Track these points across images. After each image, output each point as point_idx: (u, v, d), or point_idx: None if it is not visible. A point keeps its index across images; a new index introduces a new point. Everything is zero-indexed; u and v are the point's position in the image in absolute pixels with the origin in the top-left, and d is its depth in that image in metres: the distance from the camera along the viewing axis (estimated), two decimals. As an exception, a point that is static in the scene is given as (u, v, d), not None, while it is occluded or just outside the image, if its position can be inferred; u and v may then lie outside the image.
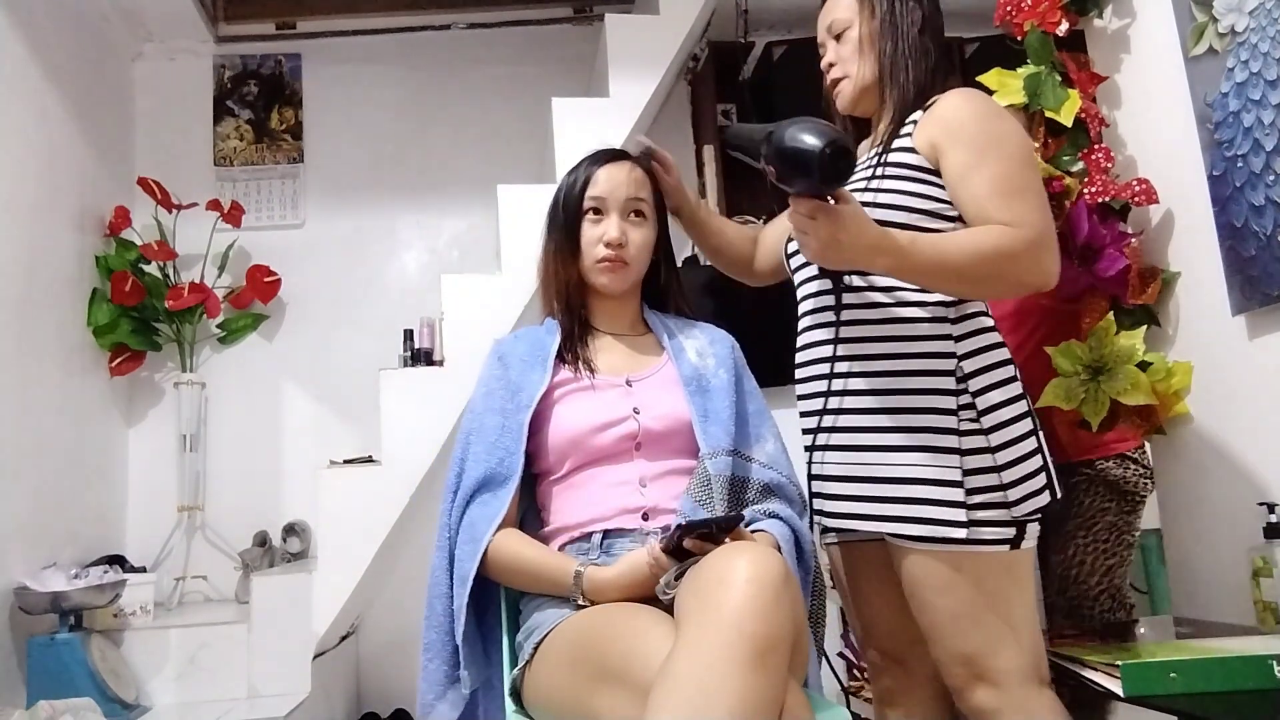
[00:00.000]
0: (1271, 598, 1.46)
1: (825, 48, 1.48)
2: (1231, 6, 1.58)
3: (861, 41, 1.41)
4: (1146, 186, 1.78)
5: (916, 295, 1.33)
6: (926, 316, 1.32)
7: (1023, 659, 1.27)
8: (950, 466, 1.26)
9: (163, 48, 3.17)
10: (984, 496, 1.26)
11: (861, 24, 1.41)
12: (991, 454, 1.27)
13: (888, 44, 1.39)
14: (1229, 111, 1.60)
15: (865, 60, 1.41)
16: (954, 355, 1.31)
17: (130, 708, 2.20)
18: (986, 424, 1.28)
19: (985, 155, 1.26)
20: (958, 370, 1.30)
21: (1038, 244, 1.23)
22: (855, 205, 1.19)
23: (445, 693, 1.34)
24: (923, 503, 1.28)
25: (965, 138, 1.28)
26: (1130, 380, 1.73)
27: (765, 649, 0.95)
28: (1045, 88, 1.85)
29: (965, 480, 1.26)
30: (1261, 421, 1.60)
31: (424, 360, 2.59)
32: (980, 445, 1.28)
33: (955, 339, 1.32)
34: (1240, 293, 1.60)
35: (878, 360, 1.34)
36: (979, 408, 1.28)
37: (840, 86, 1.45)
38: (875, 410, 1.33)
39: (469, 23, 3.32)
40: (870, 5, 1.41)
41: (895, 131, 1.36)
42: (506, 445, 1.36)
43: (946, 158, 1.29)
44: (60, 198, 2.58)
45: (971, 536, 1.25)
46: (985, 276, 1.24)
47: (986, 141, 1.27)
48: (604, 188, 1.43)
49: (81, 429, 2.64)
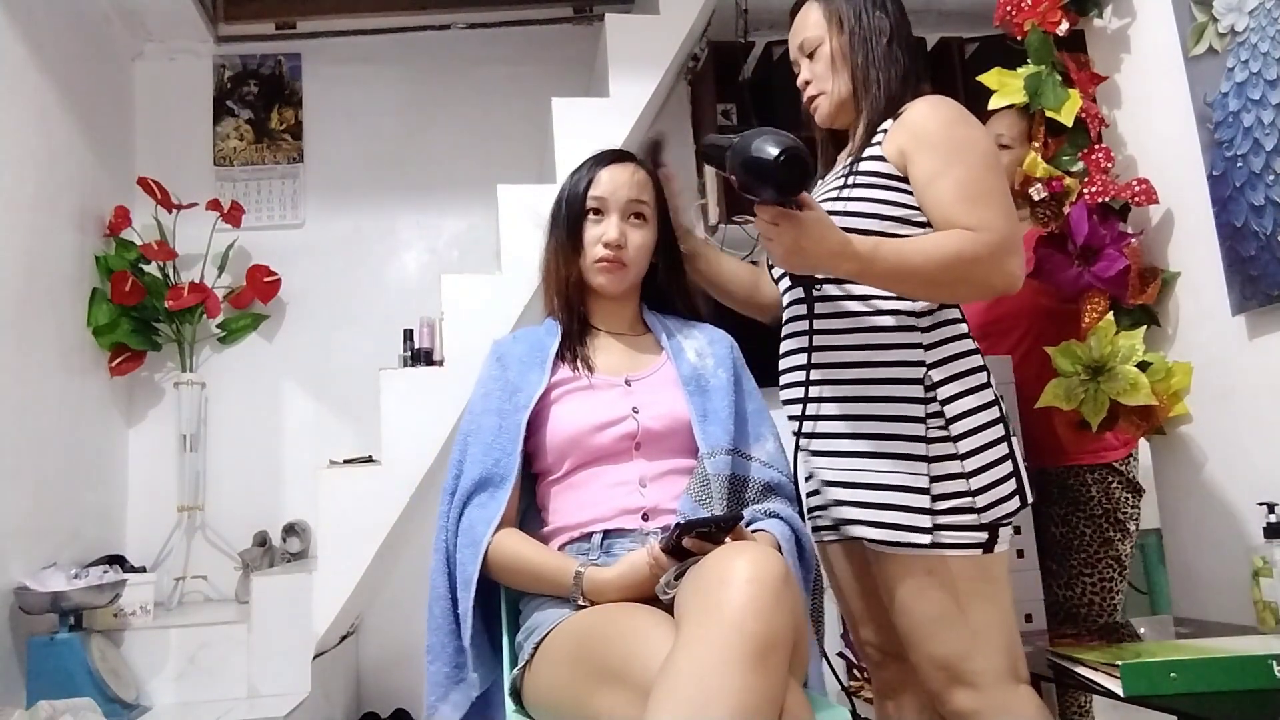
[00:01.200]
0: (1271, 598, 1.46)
1: (798, 65, 1.49)
2: (1231, 6, 1.58)
3: (833, 57, 1.43)
4: (1146, 186, 1.78)
5: (888, 304, 1.35)
6: (896, 325, 1.34)
7: (1000, 659, 1.28)
8: (918, 474, 1.29)
9: (163, 48, 3.18)
10: (953, 502, 1.28)
11: (831, 40, 1.43)
12: (959, 460, 1.29)
13: (858, 57, 1.41)
14: (1229, 111, 1.60)
15: (839, 76, 1.43)
16: (923, 364, 1.32)
17: (130, 708, 2.20)
18: (955, 431, 1.30)
19: (951, 161, 1.28)
20: (926, 379, 1.31)
21: (1002, 248, 1.24)
22: (818, 212, 1.21)
23: (448, 694, 1.34)
24: (890, 508, 1.30)
25: (931, 144, 1.30)
26: (1130, 380, 1.73)
27: (766, 649, 0.95)
28: (1046, 87, 1.85)
29: (932, 487, 1.28)
30: (1261, 421, 1.60)
31: (424, 360, 2.59)
32: (948, 452, 1.29)
33: (925, 347, 1.33)
34: (1240, 293, 1.60)
35: (848, 369, 1.36)
36: (947, 415, 1.30)
37: (817, 103, 1.47)
38: (846, 417, 1.36)
39: (469, 23, 3.32)
40: (838, 21, 1.43)
41: (866, 140, 1.39)
42: (503, 446, 1.36)
43: (914, 164, 1.31)
44: (60, 198, 2.58)
45: (938, 540, 1.27)
46: (949, 281, 1.26)
47: (952, 147, 1.29)
48: (605, 188, 1.43)
49: (81, 429, 2.64)
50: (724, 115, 3.18)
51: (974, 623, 1.28)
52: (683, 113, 3.33)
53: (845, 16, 1.42)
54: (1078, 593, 1.97)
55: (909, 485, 1.29)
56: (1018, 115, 2.05)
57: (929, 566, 1.29)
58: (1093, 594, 1.95)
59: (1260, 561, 1.49)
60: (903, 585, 1.31)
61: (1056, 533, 1.99)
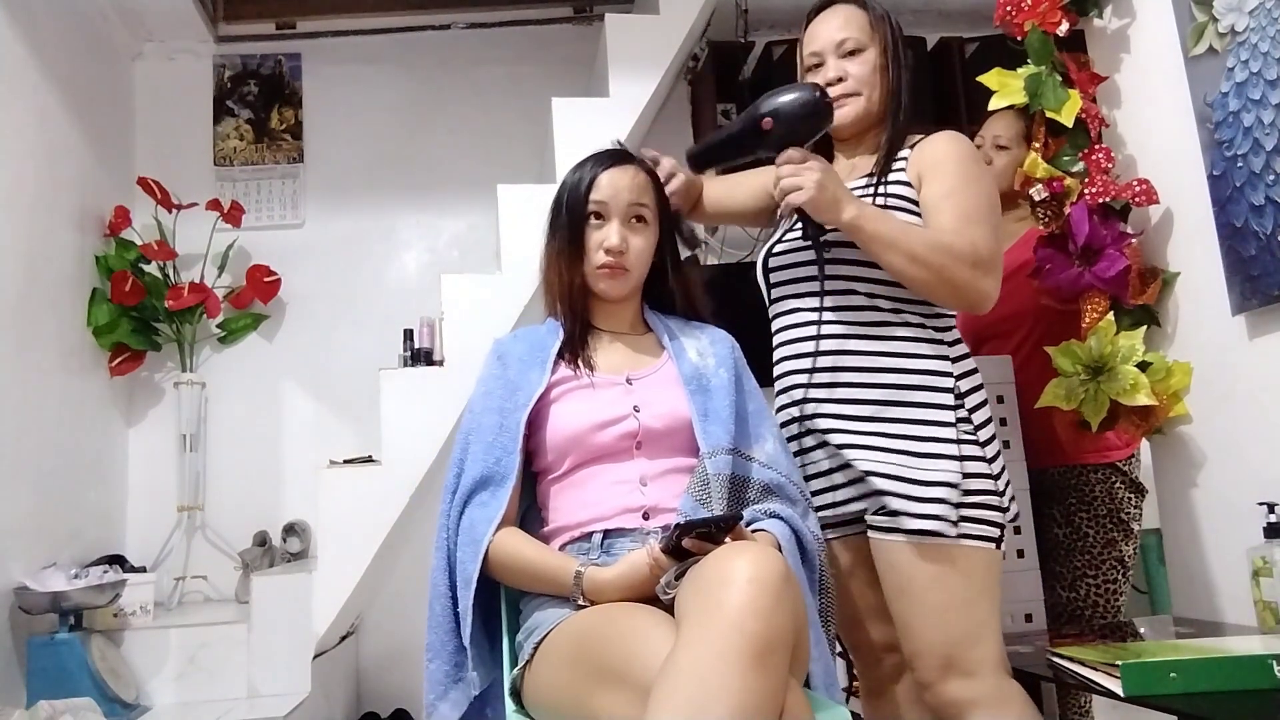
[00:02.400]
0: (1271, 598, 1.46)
1: (822, 59, 1.51)
2: (1231, 6, 1.58)
3: (878, 67, 1.49)
4: (1147, 187, 1.78)
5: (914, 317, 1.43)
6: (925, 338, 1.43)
7: (996, 651, 1.36)
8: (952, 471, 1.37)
9: (163, 48, 3.18)
10: (980, 498, 1.37)
11: (878, 51, 1.49)
12: (987, 462, 1.39)
13: (893, 77, 1.49)
14: (1229, 111, 1.60)
15: (879, 86, 1.49)
16: (951, 375, 1.42)
17: (130, 708, 2.20)
18: (982, 437, 1.41)
19: (959, 188, 1.40)
20: (955, 389, 1.41)
21: (984, 262, 1.35)
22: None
23: (447, 693, 1.34)
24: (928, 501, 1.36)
25: (945, 171, 1.41)
26: (1131, 380, 1.72)
27: (766, 649, 0.95)
28: (1046, 88, 1.85)
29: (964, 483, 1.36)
30: (1261, 421, 1.60)
31: (424, 360, 2.60)
32: (976, 454, 1.39)
33: (952, 359, 1.43)
34: (1240, 293, 1.60)
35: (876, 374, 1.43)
36: (974, 422, 1.41)
37: (849, 101, 1.49)
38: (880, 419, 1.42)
39: (469, 23, 3.33)
40: (882, 37, 1.49)
41: (887, 166, 1.47)
42: (504, 445, 1.36)
43: (926, 185, 1.43)
44: (60, 198, 2.58)
45: (964, 532, 1.36)
46: (928, 263, 1.34)
47: (962, 178, 1.40)
48: (606, 192, 1.42)
49: (81, 429, 2.64)
50: (724, 115, 3.18)
51: (980, 614, 1.35)
52: (683, 113, 3.33)
53: (887, 37, 1.50)
54: (1081, 594, 1.96)
55: (945, 480, 1.36)
56: (1015, 116, 2.05)
57: (952, 556, 1.35)
58: (1097, 595, 1.95)
59: (1260, 561, 1.49)
60: (921, 573, 1.36)
61: (1059, 533, 1.99)
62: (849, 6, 1.51)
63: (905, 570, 1.38)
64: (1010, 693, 1.34)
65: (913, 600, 1.37)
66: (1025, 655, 1.49)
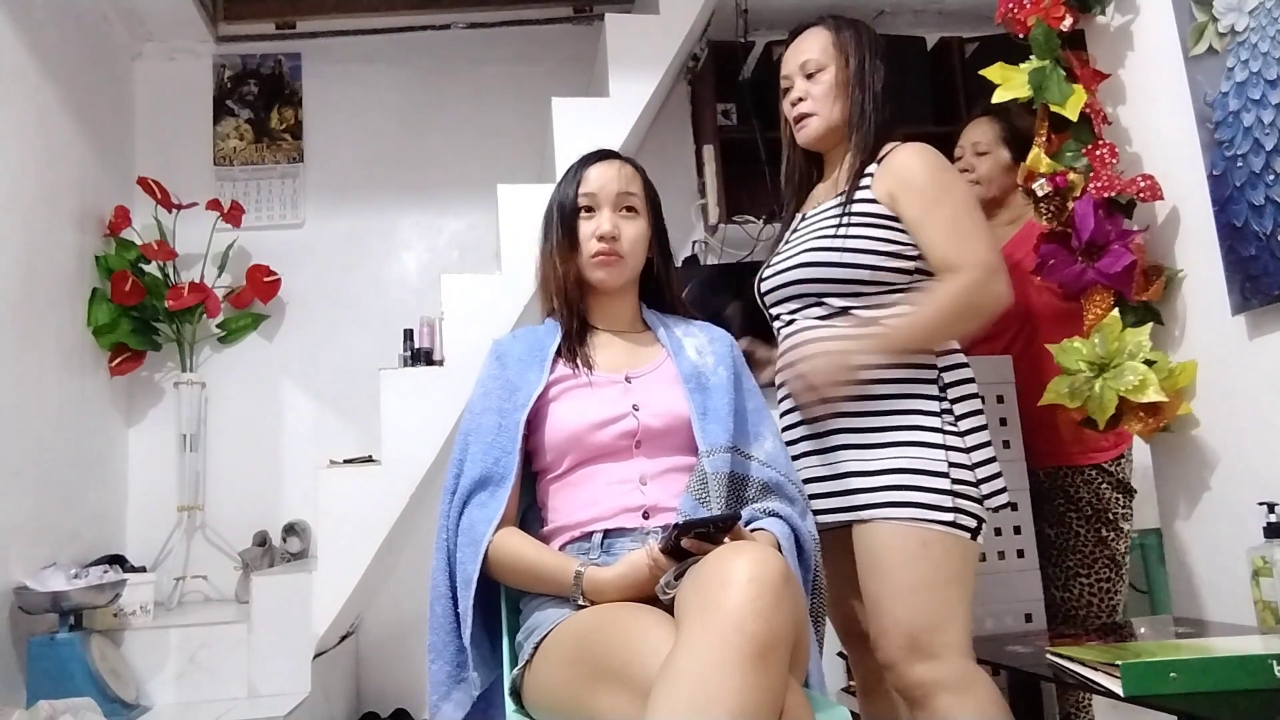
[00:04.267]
0: (1271, 598, 1.46)
1: (791, 81, 1.60)
2: (1231, 6, 1.58)
3: (835, 85, 1.55)
4: (1151, 182, 1.77)
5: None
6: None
7: (962, 637, 1.39)
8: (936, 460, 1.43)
9: (163, 47, 3.18)
10: (959, 487, 1.42)
11: (837, 69, 1.55)
12: (965, 453, 1.44)
13: (857, 92, 1.54)
14: (1229, 111, 1.60)
15: (837, 103, 1.55)
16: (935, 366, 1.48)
17: (130, 707, 2.20)
18: (962, 427, 1.46)
19: (938, 201, 1.45)
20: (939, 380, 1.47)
21: (989, 277, 1.41)
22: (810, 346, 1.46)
23: (449, 693, 1.34)
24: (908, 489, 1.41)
25: (918, 187, 1.46)
26: (1139, 377, 1.70)
27: (766, 648, 0.95)
28: (1050, 82, 1.83)
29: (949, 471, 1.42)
30: (1262, 421, 1.59)
31: (424, 360, 2.59)
32: (957, 444, 1.44)
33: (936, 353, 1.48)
34: (1240, 292, 1.60)
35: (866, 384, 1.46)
36: (956, 413, 1.46)
37: (808, 123, 1.57)
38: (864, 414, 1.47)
39: (469, 23, 3.33)
40: (845, 54, 1.55)
41: (855, 183, 1.51)
42: (503, 445, 1.36)
43: (904, 206, 1.47)
44: (60, 198, 2.58)
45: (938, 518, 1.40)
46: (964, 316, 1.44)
47: (937, 191, 1.45)
48: (594, 184, 1.46)
49: (81, 429, 2.64)
50: (724, 115, 3.18)
51: (948, 599, 1.39)
52: (683, 113, 3.34)
53: (852, 54, 1.55)
54: (1075, 594, 1.96)
55: (927, 469, 1.41)
56: (990, 121, 2.10)
57: (925, 540, 1.39)
58: (1090, 595, 1.95)
59: (1260, 561, 1.48)
60: (893, 555, 1.41)
61: (1051, 533, 1.99)
62: (817, 29, 1.59)
63: (878, 553, 1.42)
64: (974, 677, 1.36)
65: (883, 580, 1.41)
66: (1025, 655, 1.49)
